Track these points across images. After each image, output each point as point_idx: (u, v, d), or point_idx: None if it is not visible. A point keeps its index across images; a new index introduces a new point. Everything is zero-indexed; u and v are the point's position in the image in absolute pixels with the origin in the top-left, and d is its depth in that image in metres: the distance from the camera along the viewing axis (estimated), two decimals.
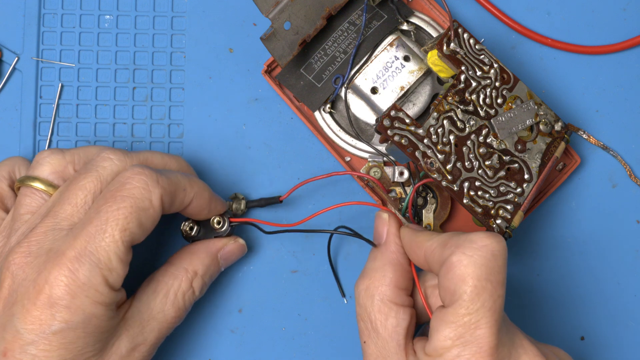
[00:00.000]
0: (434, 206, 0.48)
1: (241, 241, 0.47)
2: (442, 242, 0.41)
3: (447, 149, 0.44)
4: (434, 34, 0.50)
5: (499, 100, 0.46)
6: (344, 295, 0.50)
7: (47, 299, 0.38)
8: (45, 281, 0.38)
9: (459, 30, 0.46)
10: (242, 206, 0.48)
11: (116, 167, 0.42)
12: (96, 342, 0.40)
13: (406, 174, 0.47)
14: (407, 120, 0.44)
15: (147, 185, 0.40)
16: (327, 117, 0.49)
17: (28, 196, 0.43)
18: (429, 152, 0.44)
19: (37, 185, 0.43)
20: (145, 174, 0.41)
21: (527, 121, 0.46)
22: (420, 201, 0.48)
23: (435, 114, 0.45)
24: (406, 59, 0.48)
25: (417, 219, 0.48)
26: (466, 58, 0.46)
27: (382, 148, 0.48)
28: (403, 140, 0.44)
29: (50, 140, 0.50)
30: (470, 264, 0.39)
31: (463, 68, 0.46)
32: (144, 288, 0.44)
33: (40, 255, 0.40)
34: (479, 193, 0.45)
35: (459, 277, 0.38)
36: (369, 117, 0.48)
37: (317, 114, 0.49)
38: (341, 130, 0.49)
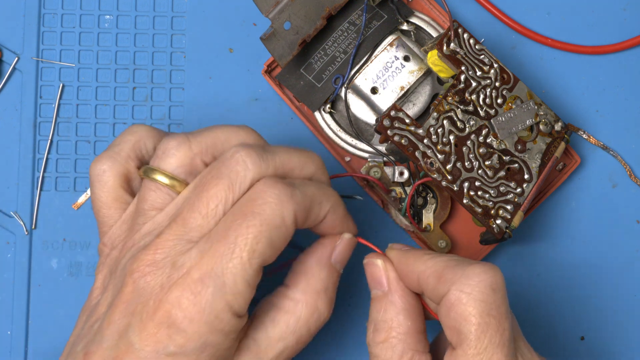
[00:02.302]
0: (434, 206, 0.48)
1: (347, 236, 0.41)
2: (436, 273, 0.39)
3: (447, 149, 0.44)
4: (434, 34, 0.50)
5: (499, 100, 0.46)
6: None
7: (166, 318, 0.36)
8: (166, 299, 0.36)
9: (459, 30, 0.46)
10: None
11: (250, 173, 0.38)
12: None
13: (406, 174, 0.47)
14: (407, 120, 0.44)
15: (279, 200, 0.36)
16: (327, 117, 0.49)
17: (153, 191, 0.40)
18: (429, 152, 0.44)
19: (162, 179, 0.39)
20: (278, 187, 0.37)
21: (527, 121, 0.46)
22: (420, 201, 0.48)
23: (435, 114, 0.45)
24: (406, 59, 0.48)
25: (417, 219, 0.48)
26: (466, 58, 0.46)
27: (382, 148, 0.48)
28: (403, 140, 0.44)
29: (51, 141, 0.50)
30: (470, 301, 0.37)
31: (463, 68, 0.46)
32: (261, 315, 0.39)
33: (165, 267, 0.37)
34: (479, 193, 0.45)
35: (461, 316, 0.37)
36: (369, 117, 0.48)
37: (317, 114, 0.49)
38: (341, 130, 0.49)
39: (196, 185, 0.39)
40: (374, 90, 0.48)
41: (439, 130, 0.44)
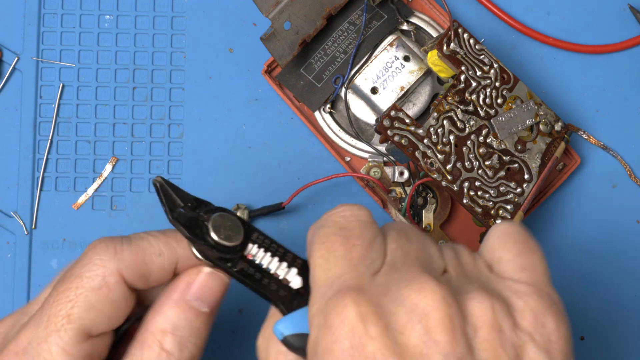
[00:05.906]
0: (434, 206, 0.48)
1: (207, 270, 0.35)
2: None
3: (447, 149, 0.44)
4: (434, 34, 0.50)
5: (499, 100, 0.46)
6: None
7: None
8: None
9: (459, 30, 0.46)
10: (246, 216, 0.48)
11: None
12: None
13: (406, 174, 0.47)
14: (407, 120, 0.44)
15: (100, 260, 0.34)
16: (327, 117, 0.49)
17: None
18: (429, 152, 0.44)
19: None
20: (101, 245, 0.34)
21: (527, 121, 0.46)
22: (420, 201, 0.48)
23: (435, 114, 0.45)
24: (406, 59, 0.48)
25: (417, 219, 0.48)
26: (466, 58, 0.46)
27: (382, 148, 0.48)
28: (403, 141, 0.44)
29: (51, 141, 0.50)
30: None
31: (463, 68, 0.46)
32: None
33: None
34: (479, 193, 0.45)
35: None
36: (369, 117, 0.48)
37: (317, 114, 0.49)
38: (341, 130, 0.49)
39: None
40: (374, 90, 0.48)
41: (439, 130, 0.44)
